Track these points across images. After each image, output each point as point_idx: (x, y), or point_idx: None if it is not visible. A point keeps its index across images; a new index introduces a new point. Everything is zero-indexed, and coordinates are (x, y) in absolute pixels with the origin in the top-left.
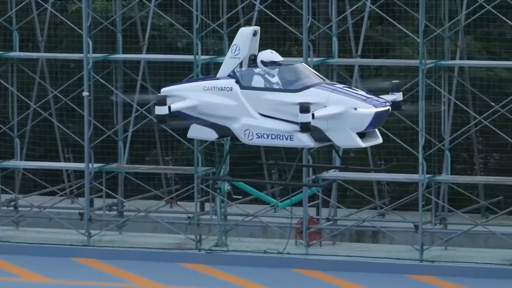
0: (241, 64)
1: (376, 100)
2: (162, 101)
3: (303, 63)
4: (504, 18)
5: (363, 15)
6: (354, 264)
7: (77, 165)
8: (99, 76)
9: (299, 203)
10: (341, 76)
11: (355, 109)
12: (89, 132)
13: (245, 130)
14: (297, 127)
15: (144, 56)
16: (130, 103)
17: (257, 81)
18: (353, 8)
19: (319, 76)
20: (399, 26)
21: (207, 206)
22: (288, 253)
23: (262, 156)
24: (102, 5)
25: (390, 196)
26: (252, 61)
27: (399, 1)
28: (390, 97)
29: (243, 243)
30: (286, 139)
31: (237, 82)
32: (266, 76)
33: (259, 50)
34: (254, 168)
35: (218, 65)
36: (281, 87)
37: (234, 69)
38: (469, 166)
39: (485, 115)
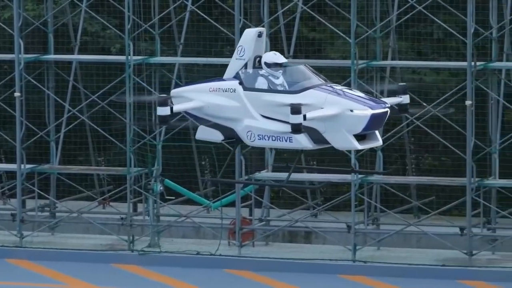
0: (246, 66)
1: (373, 102)
2: (164, 102)
3: (306, 65)
4: (435, 19)
5: (295, 15)
6: (287, 265)
7: (9, 166)
8: (31, 76)
9: (232, 204)
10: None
11: (351, 111)
12: (21, 133)
13: (247, 132)
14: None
15: (75, 56)
16: (62, 104)
17: (261, 83)
18: (284, 9)
19: (321, 78)
20: (330, 26)
21: (140, 207)
22: (220, 255)
23: (195, 157)
24: (34, 11)
25: (323, 197)
26: (258, 62)
27: (331, 2)
28: (396, 99)
29: (175, 244)
30: (286, 140)
31: (241, 83)
32: (270, 77)
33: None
34: (187, 169)
35: (150, 66)
36: (286, 89)
37: (239, 70)
38: (401, 167)
39: (417, 115)
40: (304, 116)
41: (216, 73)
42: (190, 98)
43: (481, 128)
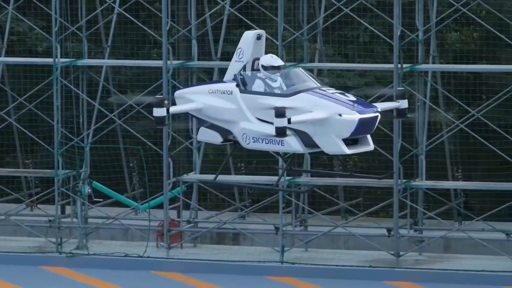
0: (244, 68)
1: (363, 107)
2: (160, 103)
3: (300, 68)
4: (361, 21)
5: (222, 18)
6: (215, 266)
7: None
8: None
9: (160, 206)
10: (200, 79)
11: (340, 115)
12: None
13: (243, 134)
14: (288, 131)
15: (2, 59)
16: None
17: (258, 85)
18: (212, 11)
19: (316, 81)
20: (257, 29)
21: (68, 209)
22: (148, 257)
23: (122, 159)
24: None
25: (251, 199)
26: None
27: (258, 4)
28: (394, 104)
29: (104, 246)
30: (278, 144)
31: (238, 86)
32: (267, 80)
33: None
34: (115, 171)
35: (78, 68)
36: (283, 92)
37: (237, 72)
38: (329, 169)
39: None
40: (289, 120)
41: (142, 75)
42: (191, 99)
43: (408, 130)
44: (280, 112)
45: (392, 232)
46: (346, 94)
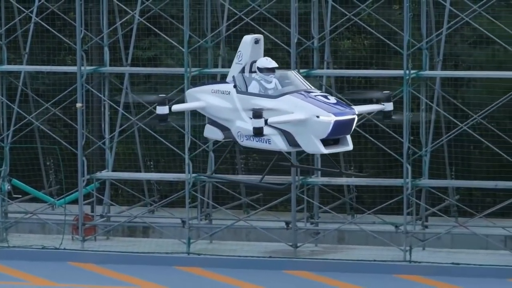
0: (243, 70)
1: (341, 109)
2: (163, 102)
3: (293, 71)
4: (261, 30)
5: (132, 26)
6: (127, 257)
7: None
8: None
9: (75, 201)
10: (112, 83)
11: (318, 117)
12: None
13: (238, 132)
14: (274, 131)
15: None
16: None
17: (253, 87)
18: (122, 21)
19: (305, 84)
20: (165, 37)
21: None
22: (64, 249)
23: (40, 158)
24: None
25: (159, 194)
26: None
27: (166, 14)
28: (379, 106)
29: (23, 239)
30: (265, 142)
31: (235, 86)
32: (262, 82)
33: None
34: (33, 169)
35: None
36: (272, 93)
37: (237, 74)
38: (230, 167)
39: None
40: (266, 121)
41: (58, 80)
42: (197, 98)
43: None
44: (257, 113)
45: (290, 225)
46: (329, 97)
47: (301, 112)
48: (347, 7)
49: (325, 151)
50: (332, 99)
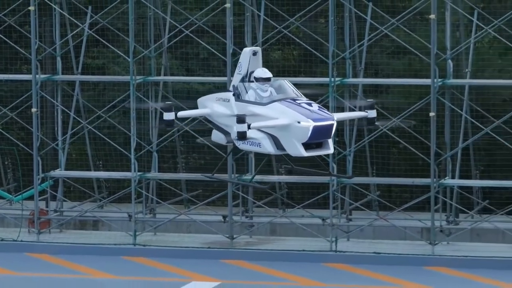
0: (243, 79)
1: (319, 116)
2: (169, 108)
3: (285, 80)
4: (199, 41)
5: (82, 38)
6: (78, 248)
7: None
8: None
9: (31, 197)
10: (64, 90)
11: (299, 122)
12: None
13: (235, 136)
14: (263, 135)
15: None
16: None
17: (250, 95)
18: (73, 33)
19: (295, 92)
20: (112, 47)
21: None
22: (21, 241)
23: None
24: None
25: (108, 191)
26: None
27: (112, 27)
28: (362, 113)
29: None
30: (256, 146)
31: (234, 94)
32: (258, 90)
33: None
34: None
35: None
36: (262, 101)
37: (237, 83)
38: (172, 165)
39: (186, 121)
40: (249, 125)
41: (16, 87)
42: (205, 105)
43: None
44: (240, 119)
45: (227, 219)
46: (312, 104)
47: (285, 118)
48: (277, 20)
49: (305, 154)
50: (315, 107)
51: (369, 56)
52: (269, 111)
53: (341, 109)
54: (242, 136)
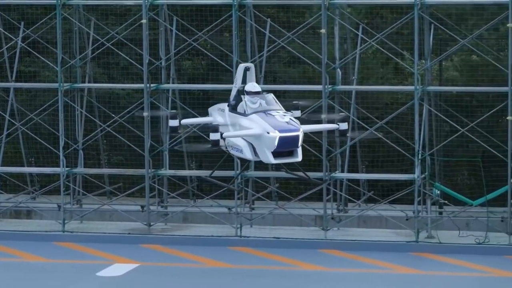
0: (238, 92)
1: (287, 127)
2: (174, 116)
3: (271, 94)
4: (119, 52)
5: (15, 50)
6: (15, 235)
7: None
8: None
9: None
10: (0, 96)
11: (268, 133)
12: None
13: (227, 143)
14: (244, 143)
15: None
16: None
17: (241, 106)
18: (8, 46)
19: (277, 105)
20: (42, 58)
21: None
22: None
23: None
24: None
25: (40, 184)
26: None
27: (42, 40)
28: (334, 126)
29: None
30: (240, 152)
31: (228, 105)
32: (248, 102)
33: None
34: None
35: None
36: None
37: (233, 95)
38: (97, 161)
39: (108, 123)
40: (221, 134)
41: None
42: (211, 114)
43: (155, 132)
44: (214, 128)
45: (145, 208)
46: (286, 116)
47: (258, 128)
48: (187, 34)
49: (273, 161)
50: (286, 118)
51: (268, 65)
52: (248, 122)
53: (316, 121)
54: (214, 144)
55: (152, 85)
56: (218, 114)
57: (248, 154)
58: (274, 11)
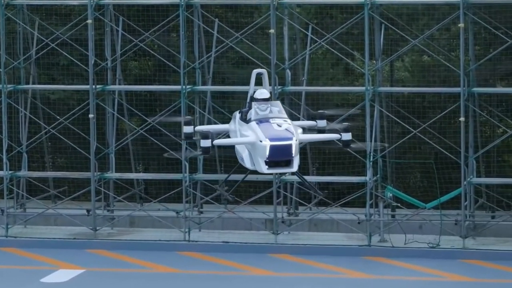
0: (251, 99)
1: (279, 136)
2: (189, 122)
3: (278, 101)
4: (64, 53)
5: None
6: None
7: None
8: None
9: None
10: None
11: (261, 141)
12: None
13: (236, 149)
14: (246, 152)
15: None
16: None
17: (250, 113)
18: None
19: (281, 112)
20: None
21: None
22: None
23: None
24: None
25: None
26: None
27: None
28: (336, 136)
29: None
30: (241, 160)
31: (240, 112)
32: (257, 109)
33: None
34: None
35: None
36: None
37: (247, 102)
38: (41, 164)
39: (53, 125)
40: (212, 141)
41: None
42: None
43: (101, 135)
44: (204, 135)
45: (91, 212)
46: (283, 125)
47: (252, 136)
48: (134, 34)
49: (266, 171)
50: (283, 127)
51: (216, 66)
52: (246, 129)
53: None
54: (206, 151)
55: (98, 86)
56: (232, 121)
57: (247, 163)
58: (222, 11)
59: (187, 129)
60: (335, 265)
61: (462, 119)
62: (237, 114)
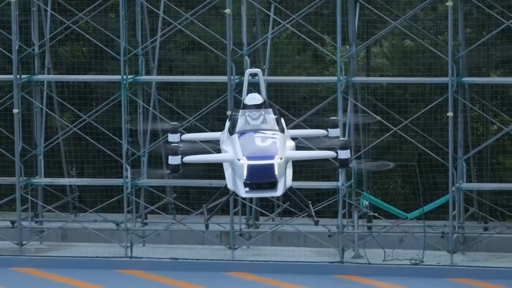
0: (243, 105)
1: (260, 155)
2: (175, 130)
3: (270, 109)
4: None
5: None
6: None
7: None
8: None
9: None
10: None
11: (238, 160)
12: None
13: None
14: (229, 171)
15: None
16: None
17: (240, 121)
18: None
19: (273, 123)
20: None
21: None
22: None
23: None
24: None
25: None
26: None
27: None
28: (331, 153)
29: None
30: (226, 178)
31: (229, 120)
32: (248, 118)
33: None
34: None
35: None
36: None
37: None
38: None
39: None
40: (181, 158)
41: None
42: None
43: (28, 133)
44: (173, 151)
45: (16, 224)
46: (268, 139)
47: (230, 153)
48: (65, 15)
49: (244, 195)
50: (266, 143)
51: (162, 52)
52: (227, 143)
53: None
54: (175, 169)
55: (23, 76)
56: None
57: (229, 183)
58: None
59: (173, 137)
60: (302, 285)
61: (450, 114)
62: (226, 123)
